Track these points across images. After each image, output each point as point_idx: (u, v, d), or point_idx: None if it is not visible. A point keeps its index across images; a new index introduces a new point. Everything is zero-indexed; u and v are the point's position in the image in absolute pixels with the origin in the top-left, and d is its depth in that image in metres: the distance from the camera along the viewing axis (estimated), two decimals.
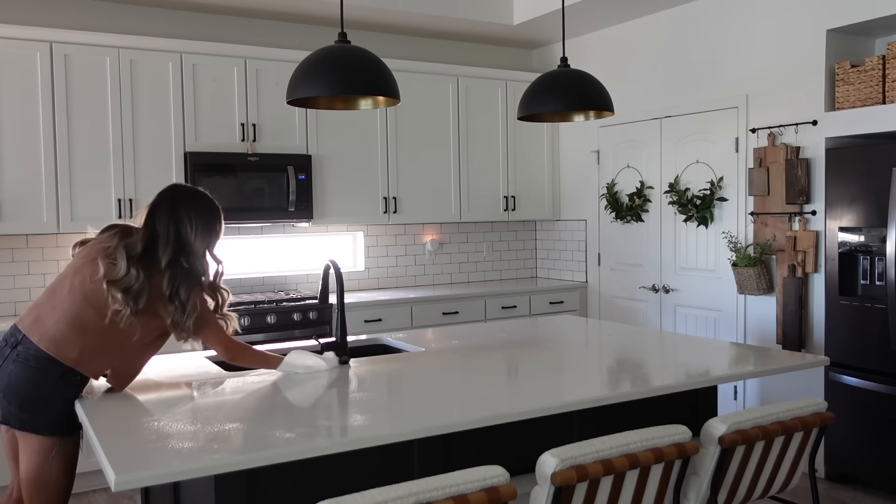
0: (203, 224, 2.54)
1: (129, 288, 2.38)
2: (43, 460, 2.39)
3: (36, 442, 2.39)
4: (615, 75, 5.17)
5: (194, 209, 2.54)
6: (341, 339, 2.92)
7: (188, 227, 2.50)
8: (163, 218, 2.50)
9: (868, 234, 3.94)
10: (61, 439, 2.42)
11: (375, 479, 2.00)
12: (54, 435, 2.40)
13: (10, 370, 2.38)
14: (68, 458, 2.46)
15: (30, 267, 4.52)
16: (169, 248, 2.45)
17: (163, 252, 2.44)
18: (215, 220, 2.61)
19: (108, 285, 2.37)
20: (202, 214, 2.56)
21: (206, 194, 2.65)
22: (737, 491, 2.43)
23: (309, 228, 5.31)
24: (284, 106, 4.61)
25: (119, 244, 2.44)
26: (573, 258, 5.97)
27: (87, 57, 4.33)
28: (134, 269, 2.39)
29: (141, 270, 2.40)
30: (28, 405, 2.37)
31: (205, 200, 2.61)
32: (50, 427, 2.39)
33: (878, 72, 3.92)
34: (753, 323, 4.62)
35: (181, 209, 2.52)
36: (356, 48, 2.72)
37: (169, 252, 2.45)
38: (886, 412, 3.84)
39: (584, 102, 3.18)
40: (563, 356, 3.25)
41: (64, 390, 2.39)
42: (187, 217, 2.51)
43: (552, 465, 1.95)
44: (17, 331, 2.44)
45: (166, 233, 2.47)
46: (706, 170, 4.86)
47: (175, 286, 2.43)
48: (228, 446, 1.96)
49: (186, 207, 2.53)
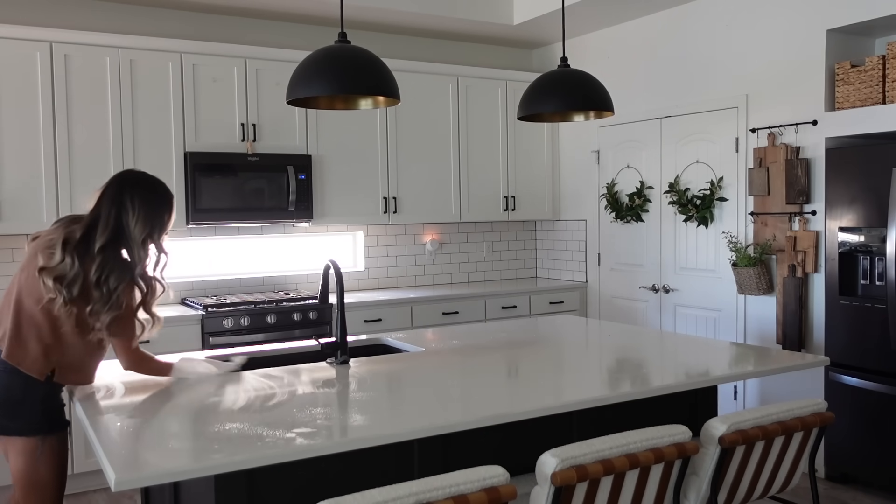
0: (147, 210, 2.44)
1: (63, 276, 2.32)
2: (30, 460, 2.39)
3: (20, 443, 2.39)
4: (615, 75, 5.16)
5: (139, 195, 2.46)
6: (341, 339, 2.92)
7: (130, 212, 2.41)
8: (107, 203, 2.43)
9: (868, 234, 3.94)
10: (44, 438, 2.41)
11: (375, 479, 2.00)
12: (36, 434, 2.40)
13: None
14: (56, 456, 2.45)
15: None
16: (106, 232, 2.38)
17: (99, 236, 2.37)
18: (162, 207, 2.51)
19: (41, 274, 2.32)
20: (147, 200, 2.46)
21: (158, 181, 2.57)
22: (737, 491, 2.43)
23: (309, 228, 5.31)
24: (284, 106, 4.61)
25: (61, 234, 2.39)
26: (573, 258, 5.97)
27: (87, 57, 4.33)
28: (69, 256, 2.33)
29: (76, 258, 2.33)
30: (5, 410, 2.37)
31: (153, 186, 2.53)
32: (31, 428, 2.39)
33: (878, 72, 3.92)
34: (753, 323, 4.62)
35: (125, 194, 2.44)
36: (356, 48, 2.72)
37: (105, 237, 2.37)
38: (886, 412, 3.84)
39: (584, 102, 3.18)
40: (563, 356, 3.25)
41: (35, 390, 2.39)
42: (130, 202, 2.43)
43: (552, 465, 1.95)
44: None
45: (107, 217, 2.40)
46: (706, 170, 4.86)
47: (104, 273, 2.35)
48: (228, 446, 1.96)
49: (131, 193, 2.45)
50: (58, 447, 2.46)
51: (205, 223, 4.65)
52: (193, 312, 4.44)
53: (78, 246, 2.36)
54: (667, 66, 5.12)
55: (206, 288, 5.03)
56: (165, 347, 4.16)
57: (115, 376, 2.69)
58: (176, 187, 4.54)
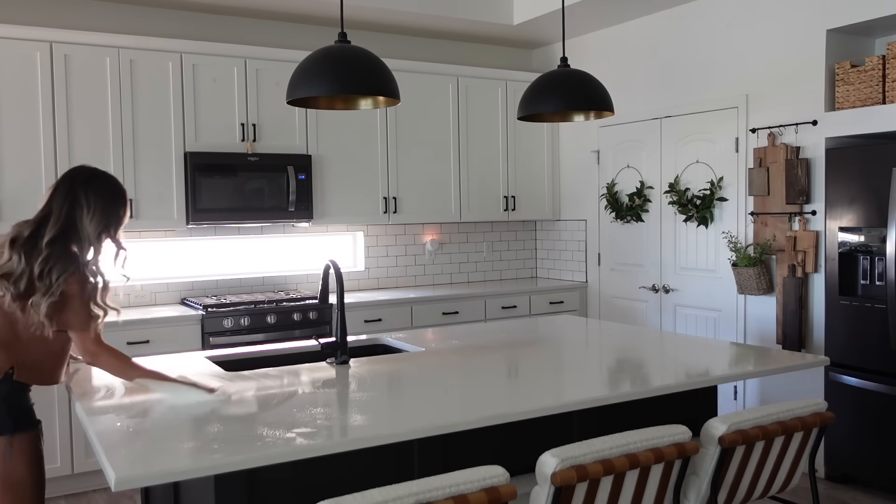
0: (102, 206, 2.43)
1: (10, 273, 2.31)
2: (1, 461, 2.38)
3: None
4: (615, 75, 5.16)
5: (94, 191, 2.44)
6: (341, 339, 2.92)
7: (84, 208, 2.40)
8: (59, 199, 2.41)
9: (868, 234, 3.94)
10: (11, 437, 2.39)
11: (375, 479, 2.00)
12: (2, 435, 2.38)
13: None
14: (29, 454, 2.43)
15: None
16: (56, 227, 2.36)
17: (48, 231, 2.35)
18: (117, 202, 2.50)
19: None
20: (103, 196, 2.45)
21: (112, 177, 2.54)
22: (737, 491, 2.43)
23: (309, 228, 5.31)
24: (284, 106, 4.61)
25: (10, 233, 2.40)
26: (573, 258, 5.97)
27: (87, 57, 4.33)
28: (16, 254, 2.33)
29: (23, 254, 2.33)
30: None
31: (108, 182, 2.51)
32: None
33: (878, 72, 3.92)
34: (753, 323, 4.62)
35: (79, 190, 2.42)
36: (356, 48, 2.72)
37: (54, 231, 2.35)
38: (886, 412, 3.84)
39: (584, 102, 3.18)
40: (563, 356, 3.25)
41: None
42: (85, 198, 2.41)
43: (552, 465, 1.95)
44: None
45: (58, 213, 2.38)
46: (706, 170, 4.86)
47: (48, 265, 2.31)
48: (228, 446, 1.96)
49: (85, 189, 2.43)
50: (29, 447, 2.44)
51: (205, 223, 4.65)
52: (193, 312, 4.44)
53: (26, 243, 2.35)
54: (667, 66, 5.12)
55: (206, 288, 5.03)
56: (166, 347, 4.18)
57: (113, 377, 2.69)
58: (176, 187, 4.54)
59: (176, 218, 4.57)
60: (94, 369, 2.88)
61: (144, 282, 4.81)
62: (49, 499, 4.00)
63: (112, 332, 4.10)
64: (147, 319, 4.29)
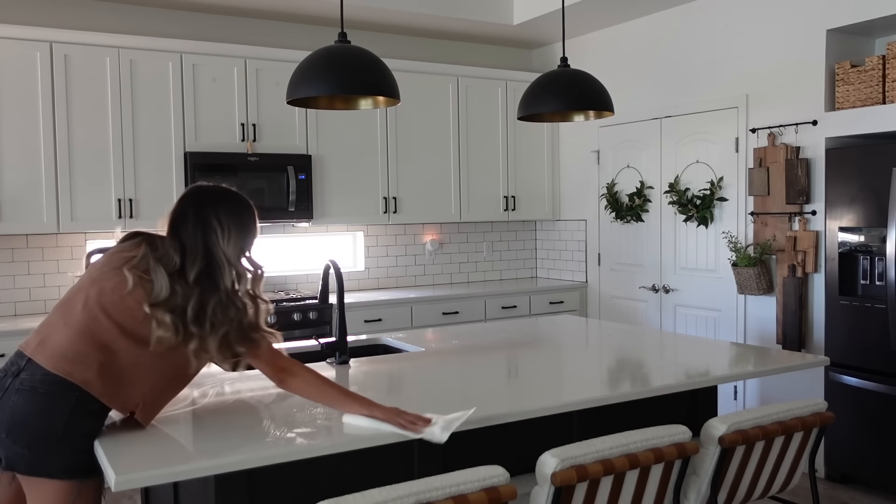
0: (236, 227, 2.16)
1: (176, 308, 2.01)
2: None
3: (50, 489, 1.94)
4: (615, 75, 5.16)
5: (224, 211, 2.16)
6: (341, 339, 2.92)
7: (218, 232, 2.12)
8: (188, 225, 2.12)
9: (868, 234, 3.94)
10: (81, 483, 1.97)
11: (375, 479, 2.00)
12: (73, 478, 1.96)
13: (13, 402, 1.94)
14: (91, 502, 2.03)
15: (30, 267, 4.52)
16: (198, 260, 2.07)
17: (190, 266, 2.06)
18: (249, 219, 2.24)
19: (153, 309, 1.99)
20: (233, 215, 2.18)
21: (235, 192, 2.28)
22: (737, 491, 2.43)
23: (309, 228, 5.31)
24: (284, 106, 4.60)
25: (147, 255, 2.07)
26: (573, 258, 5.97)
27: (87, 57, 4.33)
28: (179, 286, 2.03)
29: (186, 288, 2.04)
30: (38, 442, 1.93)
31: (234, 199, 2.24)
32: (67, 468, 1.95)
33: (878, 72, 3.92)
34: (753, 323, 4.62)
35: (208, 212, 2.14)
36: (356, 48, 2.72)
37: (197, 265, 2.07)
38: (886, 412, 3.83)
39: (584, 102, 3.18)
40: (563, 356, 3.25)
41: (82, 420, 1.97)
42: (217, 220, 2.13)
43: (552, 465, 1.95)
44: (20, 356, 2.02)
45: (193, 243, 2.09)
46: (706, 170, 4.85)
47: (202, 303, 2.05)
48: (228, 446, 1.96)
49: (215, 210, 2.15)
50: (93, 497, 2.03)
51: None
52: None
53: (181, 274, 2.06)
54: (667, 66, 5.12)
55: None
56: None
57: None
58: (176, 187, 4.54)
59: None
60: None
61: None
62: None
63: None
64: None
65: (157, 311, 1.99)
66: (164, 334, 1.99)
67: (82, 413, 1.97)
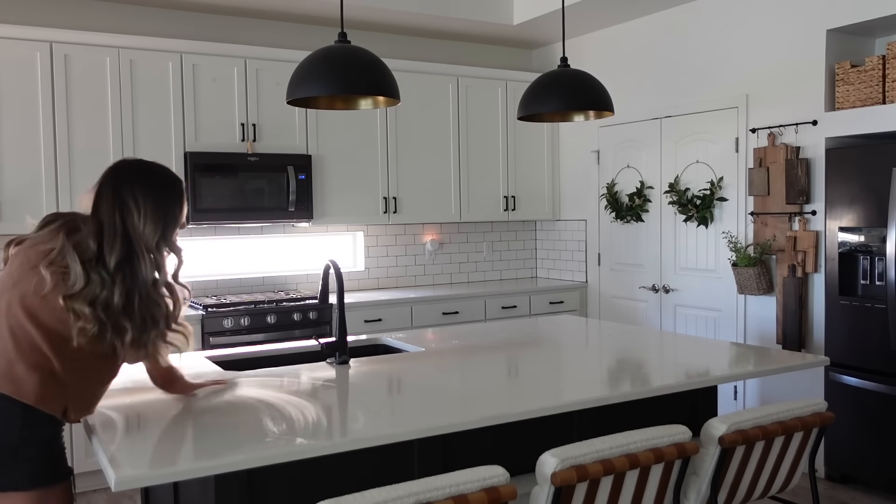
0: (153, 206, 2.00)
1: (96, 298, 1.89)
2: None
3: (18, 501, 1.92)
4: (615, 75, 5.17)
5: (141, 187, 1.99)
6: (341, 339, 2.92)
7: (134, 213, 1.97)
8: (105, 204, 1.97)
9: (868, 234, 3.94)
10: (47, 491, 1.95)
11: (375, 479, 2.00)
12: (38, 487, 1.93)
13: None
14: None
15: None
16: (116, 244, 1.94)
17: (109, 250, 1.93)
18: (169, 198, 2.06)
19: (68, 301, 1.88)
20: (151, 194, 2.01)
21: (160, 167, 2.10)
22: (737, 491, 2.43)
23: (309, 228, 5.31)
24: (284, 106, 4.61)
25: (66, 245, 1.93)
26: (573, 258, 5.97)
27: (87, 57, 4.33)
28: (96, 274, 1.91)
29: (105, 275, 1.92)
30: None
31: (154, 175, 2.06)
32: (31, 478, 1.92)
33: (878, 72, 3.92)
34: (753, 323, 4.62)
35: (124, 189, 1.98)
36: (356, 48, 2.72)
37: (117, 250, 1.93)
38: (886, 412, 3.84)
39: (584, 102, 3.18)
40: (563, 356, 3.25)
41: (35, 430, 1.93)
42: (133, 199, 1.97)
43: (552, 465, 1.95)
44: None
45: (111, 223, 1.95)
46: (706, 170, 4.85)
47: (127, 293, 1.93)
48: (228, 446, 1.96)
49: (131, 186, 1.99)
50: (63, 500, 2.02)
51: (205, 223, 4.65)
52: (193, 312, 4.44)
53: (98, 261, 1.93)
54: (667, 66, 5.12)
55: (206, 288, 5.03)
56: None
57: None
58: None
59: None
60: None
61: None
62: None
63: None
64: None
65: (75, 302, 1.88)
66: (85, 325, 1.89)
67: (33, 422, 1.92)
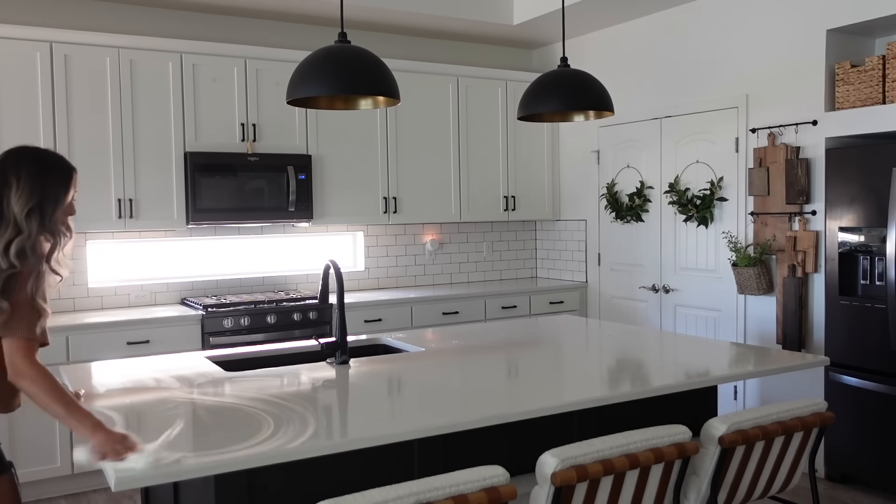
0: (31, 184, 2.03)
1: None
2: None
3: None
4: (615, 75, 5.17)
5: (27, 168, 2.05)
6: (341, 339, 2.92)
7: (13, 188, 2.02)
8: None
9: (868, 234, 3.94)
10: None
11: (376, 479, 2.00)
12: None
13: None
14: (6, 500, 2.17)
15: None
16: None
17: None
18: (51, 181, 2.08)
19: None
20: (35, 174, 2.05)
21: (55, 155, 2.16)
22: (737, 491, 2.43)
23: (309, 228, 5.31)
24: (284, 106, 4.61)
25: None
26: (573, 258, 5.97)
27: (87, 57, 4.33)
28: None
29: None
30: None
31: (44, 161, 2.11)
32: None
33: (878, 72, 3.92)
34: (753, 323, 4.62)
35: (10, 169, 2.05)
36: (356, 48, 2.72)
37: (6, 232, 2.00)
38: (886, 412, 3.84)
39: (584, 102, 3.18)
40: (563, 356, 3.25)
41: None
42: (16, 177, 2.03)
43: (552, 465, 1.95)
44: None
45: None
46: (706, 170, 4.86)
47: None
48: (228, 446, 1.96)
49: (17, 167, 2.05)
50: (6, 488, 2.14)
51: (205, 223, 4.65)
52: (193, 312, 4.44)
53: None
54: (667, 66, 5.12)
55: (206, 288, 5.03)
56: (166, 348, 4.18)
57: (112, 377, 2.69)
58: (176, 187, 4.54)
59: (176, 218, 4.57)
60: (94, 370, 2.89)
61: (144, 282, 4.82)
62: (49, 499, 4.00)
63: (112, 332, 4.13)
64: (147, 319, 4.29)
65: None
66: None
67: None
